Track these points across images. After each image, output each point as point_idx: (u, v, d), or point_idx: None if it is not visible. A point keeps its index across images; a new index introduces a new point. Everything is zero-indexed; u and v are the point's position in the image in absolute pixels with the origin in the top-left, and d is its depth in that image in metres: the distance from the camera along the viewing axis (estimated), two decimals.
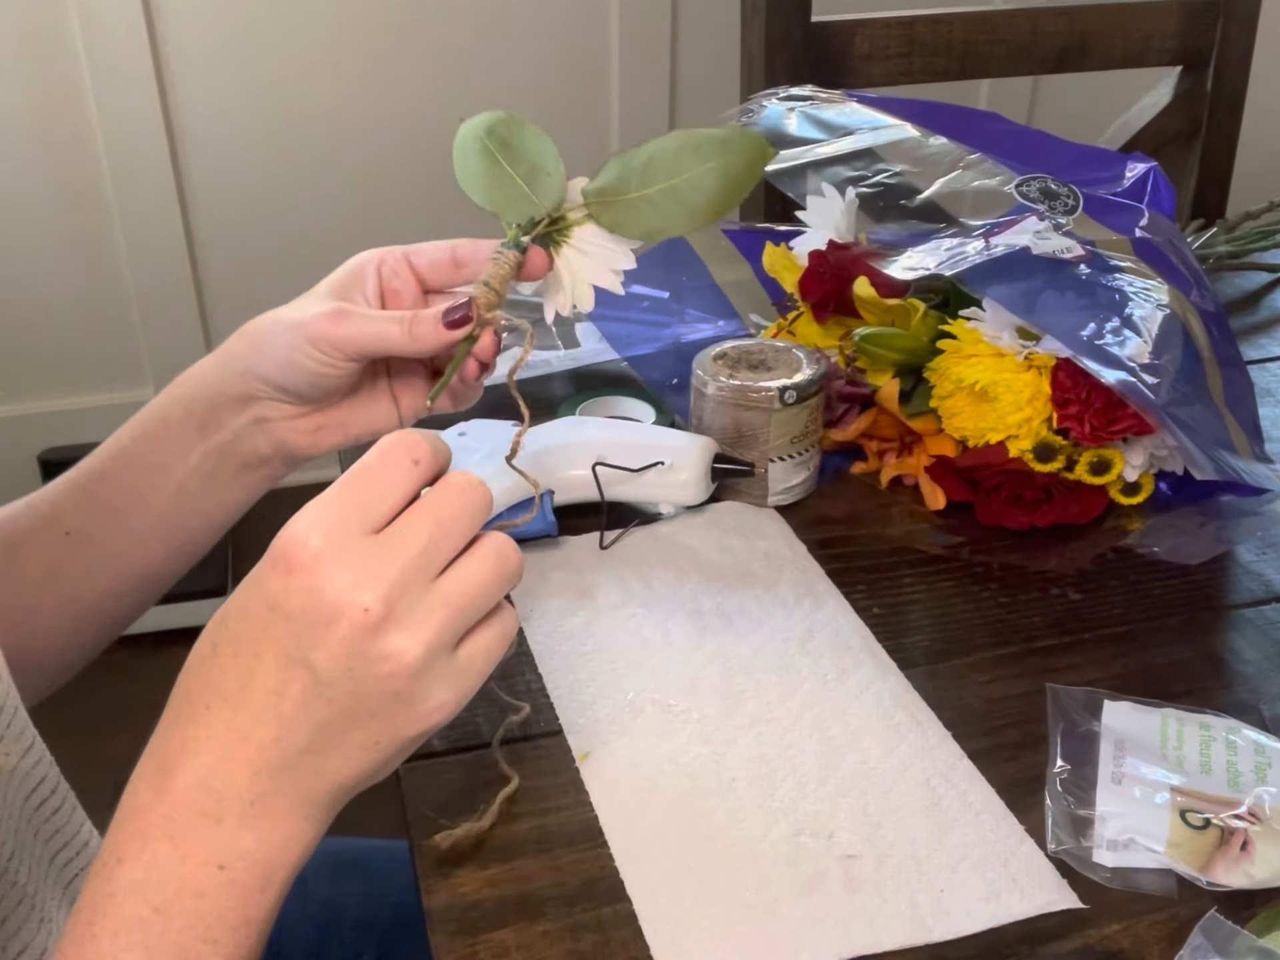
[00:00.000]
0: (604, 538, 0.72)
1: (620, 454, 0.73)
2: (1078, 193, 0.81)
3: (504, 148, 0.58)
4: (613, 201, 0.58)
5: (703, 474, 0.74)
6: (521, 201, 0.58)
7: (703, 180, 0.57)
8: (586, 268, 0.59)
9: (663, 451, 0.73)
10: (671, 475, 0.73)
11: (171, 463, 0.63)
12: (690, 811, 0.55)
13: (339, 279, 0.61)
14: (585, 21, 2.00)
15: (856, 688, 0.62)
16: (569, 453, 0.74)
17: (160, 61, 1.86)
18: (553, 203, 0.58)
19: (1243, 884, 0.52)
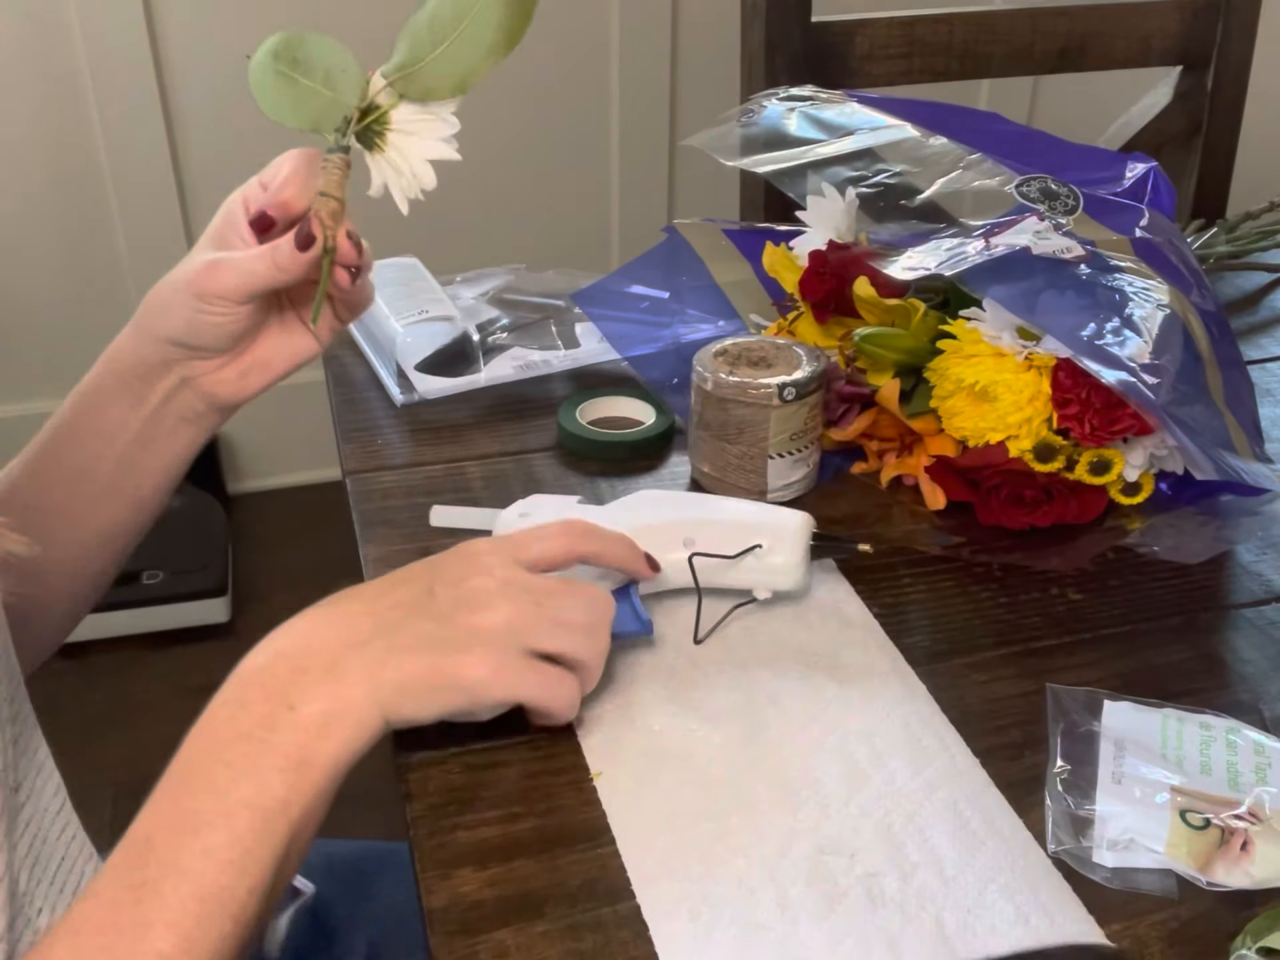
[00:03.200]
0: (698, 631, 0.66)
1: (709, 534, 0.66)
2: (1078, 193, 0.81)
3: (294, 65, 0.58)
4: (414, 72, 0.58)
5: (802, 556, 0.67)
6: (330, 107, 0.58)
7: (486, 14, 0.58)
8: (415, 146, 0.59)
9: (758, 532, 0.66)
10: (768, 558, 0.66)
11: (113, 430, 0.67)
12: (709, 832, 0.54)
13: (214, 227, 0.65)
14: (585, 22, 2.00)
15: (882, 711, 0.60)
16: (654, 535, 0.66)
17: (161, 62, 1.87)
18: (358, 95, 0.58)
19: (1243, 884, 0.52)
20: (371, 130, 0.58)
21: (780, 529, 0.67)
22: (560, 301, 0.97)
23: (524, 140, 2.04)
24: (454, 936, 0.50)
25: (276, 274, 0.60)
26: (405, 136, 0.58)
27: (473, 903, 0.51)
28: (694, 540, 0.66)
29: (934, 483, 0.78)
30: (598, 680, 0.58)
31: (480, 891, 0.52)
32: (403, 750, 0.59)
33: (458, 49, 0.57)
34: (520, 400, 0.89)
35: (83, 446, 0.68)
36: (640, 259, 0.95)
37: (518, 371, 0.90)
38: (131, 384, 0.67)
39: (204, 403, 0.68)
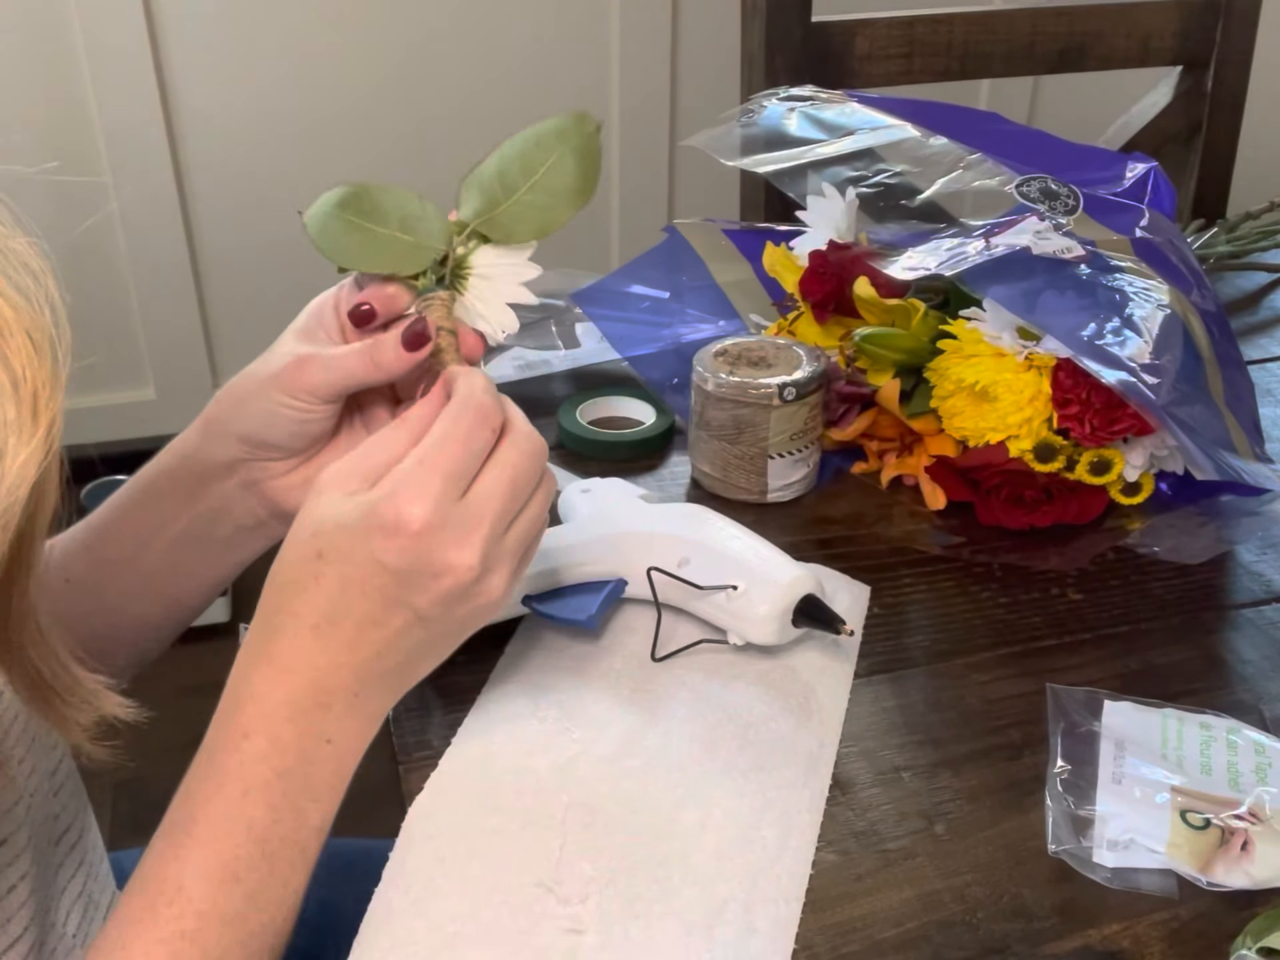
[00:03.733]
0: (656, 649, 0.64)
1: (705, 559, 0.64)
2: (1078, 193, 0.81)
3: (365, 215, 0.58)
4: (492, 218, 0.58)
5: (780, 614, 0.62)
6: (411, 252, 0.58)
7: (561, 164, 0.58)
8: (495, 291, 0.59)
9: (746, 573, 0.63)
10: (744, 603, 0.62)
11: (160, 527, 0.65)
12: (487, 824, 0.53)
13: (301, 323, 0.62)
14: (585, 22, 2.00)
15: (754, 788, 0.56)
16: (653, 543, 0.66)
17: (161, 61, 1.86)
18: (442, 237, 0.58)
19: (1243, 884, 0.52)
20: (453, 275, 0.59)
21: (766, 578, 0.62)
22: (560, 301, 0.97)
23: None
24: None
25: (373, 370, 0.58)
26: (486, 281, 0.59)
27: None
28: (688, 560, 0.64)
29: (934, 483, 0.78)
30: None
31: None
32: (403, 750, 0.59)
33: (536, 196, 0.58)
34: (520, 400, 0.88)
35: (128, 537, 0.65)
36: (640, 259, 0.95)
37: (518, 371, 0.90)
38: (185, 483, 0.63)
39: (266, 509, 0.64)
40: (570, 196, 0.58)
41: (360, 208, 0.57)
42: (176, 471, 0.64)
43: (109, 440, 2.00)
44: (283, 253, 2.03)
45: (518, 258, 0.59)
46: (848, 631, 0.62)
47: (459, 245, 0.58)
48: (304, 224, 0.57)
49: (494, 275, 0.59)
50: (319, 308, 0.62)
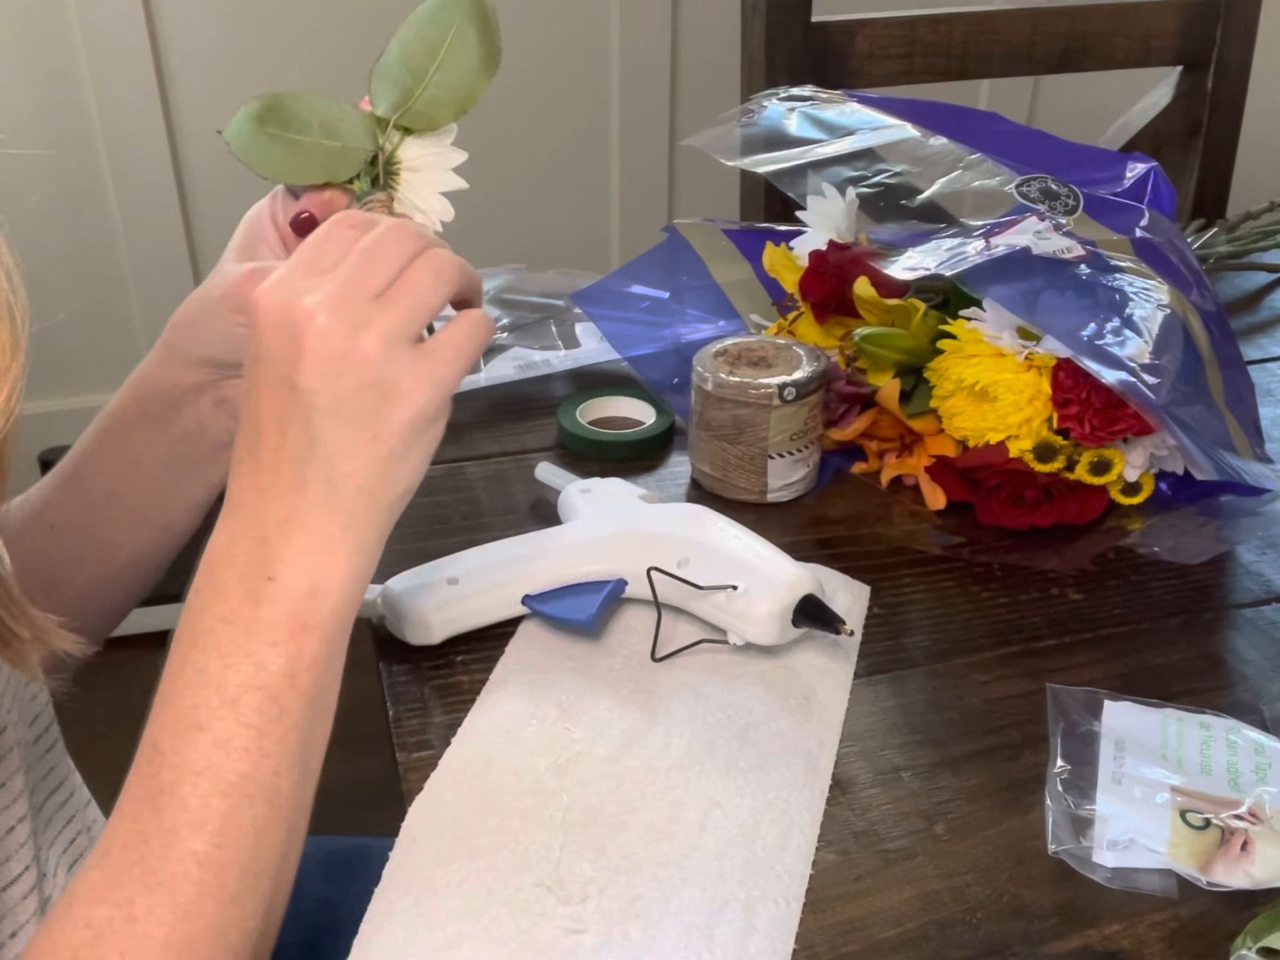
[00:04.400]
0: (655, 649, 0.63)
1: (705, 559, 0.64)
2: (1078, 193, 0.81)
3: (285, 126, 0.57)
4: (410, 109, 0.57)
5: (780, 614, 0.62)
6: (340, 156, 0.57)
7: (462, 35, 0.57)
8: (426, 181, 0.59)
9: (746, 573, 0.62)
10: (744, 603, 0.62)
11: (139, 456, 0.65)
12: (485, 825, 0.53)
13: (240, 240, 0.62)
14: (585, 22, 2.00)
15: (755, 787, 0.56)
16: (653, 543, 0.65)
17: (161, 61, 1.86)
18: (368, 138, 0.57)
19: (1243, 884, 0.52)
20: (386, 172, 0.58)
21: (766, 578, 0.62)
22: (560, 301, 0.97)
23: (524, 140, 2.04)
24: None
25: None
26: (415, 173, 0.58)
27: None
28: (688, 560, 0.64)
29: (934, 483, 0.78)
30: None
31: None
32: (403, 750, 0.59)
33: (447, 74, 0.57)
34: (520, 400, 0.89)
35: (108, 472, 0.66)
36: (640, 259, 0.95)
37: (518, 371, 0.90)
38: (155, 409, 0.64)
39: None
40: (479, 67, 0.57)
41: (279, 118, 0.57)
42: (145, 399, 0.64)
43: None
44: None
45: (442, 144, 0.59)
46: (847, 631, 0.61)
47: (385, 142, 0.57)
48: (225, 142, 0.56)
49: (422, 166, 0.58)
50: (255, 222, 0.62)
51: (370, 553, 0.49)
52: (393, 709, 0.61)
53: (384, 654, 0.65)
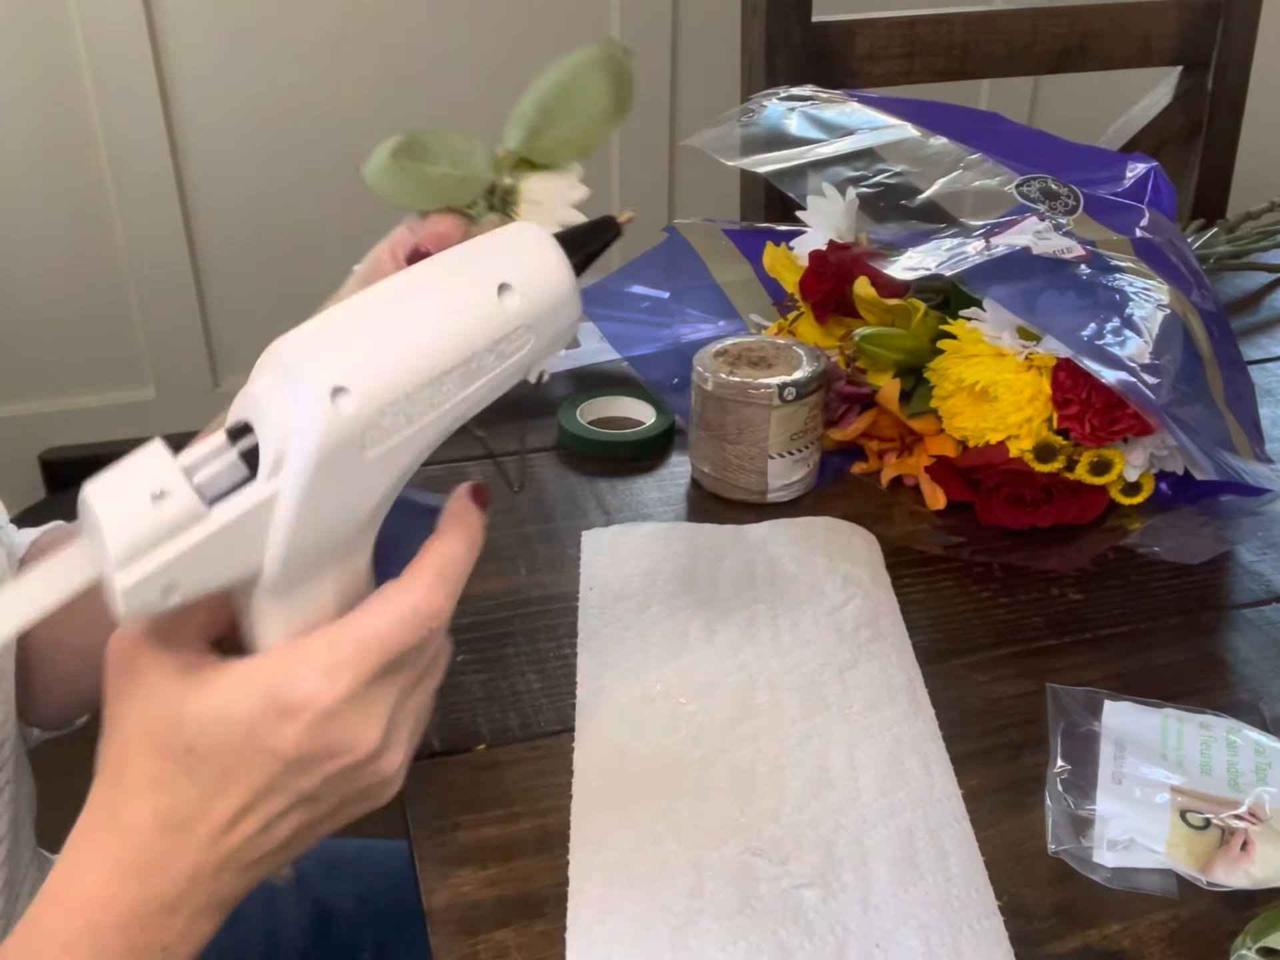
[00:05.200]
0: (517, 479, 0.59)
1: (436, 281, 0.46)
2: (1078, 193, 0.81)
3: (417, 158, 0.60)
4: (535, 145, 0.59)
5: (555, 267, 0.46)
6: (461, 184, 0.60)
7: (595, 85, 0.60)
8: (545, 215, 0.61)
9: (489, 272, 0.45)
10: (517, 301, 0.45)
11: None
12: (657, 809, 0.55)
13: (361, 274, 0.63)
14: (585, 22, 2.00)
15: (878, 725, 0.59)
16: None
17: (161, 62, 1.87)
18: (490, 168, 0.60)
19: (1243, 884, 0.52)
20: (504, 203, 0.61)
21: (517, 249, 0.46)
22: None
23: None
24: (454, 936, 0.50)
25: None
26: (536, 207, 0.60)
27: (472, 903, 0.51)
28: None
29: (934, 483, 0.78)
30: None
31: (480, 891, 0.52)
32: None
33: (574, 120, 0.60)
34: (520, 400, 0.89)
35: None
36: (640, 259, 0.95)
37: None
38: None
39: None
40: (607, 114, 0.60)
41: (412, 152, 0.60)
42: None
43: (109, 440, 2.00)
44: (283, 252, 2.03)
45: (564, 181, 0.61)
46: (628, 217, 0.51)
47: (506, 175, 0.60)
48: (363, 176, 0.59)
49: (543, 199, 0.60)
50: (375, 257, 0.63)
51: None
52: None
53: None
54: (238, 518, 0.40)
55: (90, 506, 0.39)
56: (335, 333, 0.42)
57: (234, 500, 0.40)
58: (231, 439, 0.41)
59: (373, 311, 0.43)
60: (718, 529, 0.74)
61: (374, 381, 0.41)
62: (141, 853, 0.42)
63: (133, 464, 0.40)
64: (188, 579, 0.40)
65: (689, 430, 0.80)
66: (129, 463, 0.40)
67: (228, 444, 0.41)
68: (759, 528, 0.74)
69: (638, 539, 0.73)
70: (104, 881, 0.42)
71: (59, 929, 0.42)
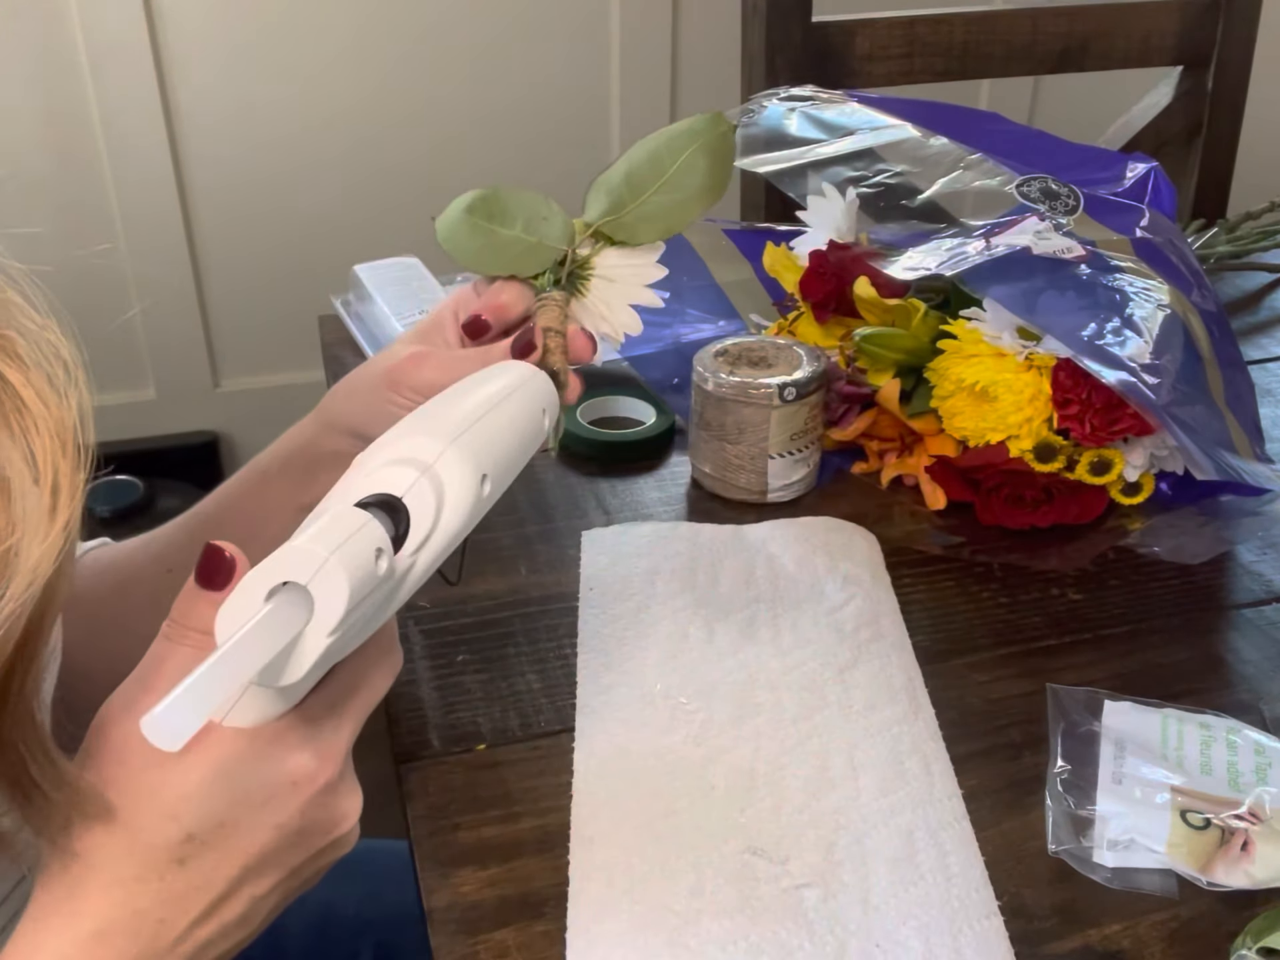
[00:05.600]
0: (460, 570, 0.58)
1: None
2: (1078, 193, 0.81)
3: (491, 217, 0.58)
4: (618, 220, 0.58)
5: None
6: (533, 252, 0.58)
7: (692, 162, 0.58)
8: (618, 293, 0.59)
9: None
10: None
11: (269, 514, 0.64)
12: (657, 809, 0.55)
13: (421, 326, 0.62)
14: (586, 22, 2.00)
15: (878, 725, 0.59)
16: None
17: (161, 62, 1.86)
18: (565, 238, 0.58)
19: (1243, 884, 0.52)
20: (575, 275, 0.58)
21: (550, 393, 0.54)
22: None
23: (524, 139, 2.04)
24: (455, 936, 0.50)
25: None
26: (609, 284, 0.59)
27: (473, 903, 0.51)
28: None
29: (934, 483, 0.78)
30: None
31: (480, 891, 0.52)
32: (402, 750, 0.59)
33: (664, 197, 0.58)
34: None
35: (240, 522, 0.65)
36: None
37: None
38: (295, 468, 0.63)
39: None
40: (700, 194, 0.58)
41: (488, 210, 0.58)
42: (289, 458, 0.64)
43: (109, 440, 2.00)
44: (283, 253, 2.03)
45: (644, 259, 0.59)
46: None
47: (581, 246, 0.58)
48: (435, 229, 0.58)
49: (618, 277, 0.59)
50: (439, 313, 0.62)
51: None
52: (393, 709, 0.61)
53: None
54: (394, 580, 0.39)
55: (324, 562, 0.36)
56: (473, 426, 0.45)
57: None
58: (374, 508, 0.40)
59: (489, 411, 0.47)
60: (718, 529, 0.74)
61: (500, 471, 0.45)
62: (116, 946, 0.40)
63: (342, 529, 0.38)
64: (341, 644, 0.38)
65: (689, 430, 0.80)
66: (338, 527, 0.38)
67: (381, 511, 0.40)
68: (759, 528, 0.74)
69: (638, 539, 0.73)
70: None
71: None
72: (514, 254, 0.58)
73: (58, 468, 0.35)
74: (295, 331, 1.94)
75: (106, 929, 0.40)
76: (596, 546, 0.72)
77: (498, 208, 0.58)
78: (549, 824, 0.55)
